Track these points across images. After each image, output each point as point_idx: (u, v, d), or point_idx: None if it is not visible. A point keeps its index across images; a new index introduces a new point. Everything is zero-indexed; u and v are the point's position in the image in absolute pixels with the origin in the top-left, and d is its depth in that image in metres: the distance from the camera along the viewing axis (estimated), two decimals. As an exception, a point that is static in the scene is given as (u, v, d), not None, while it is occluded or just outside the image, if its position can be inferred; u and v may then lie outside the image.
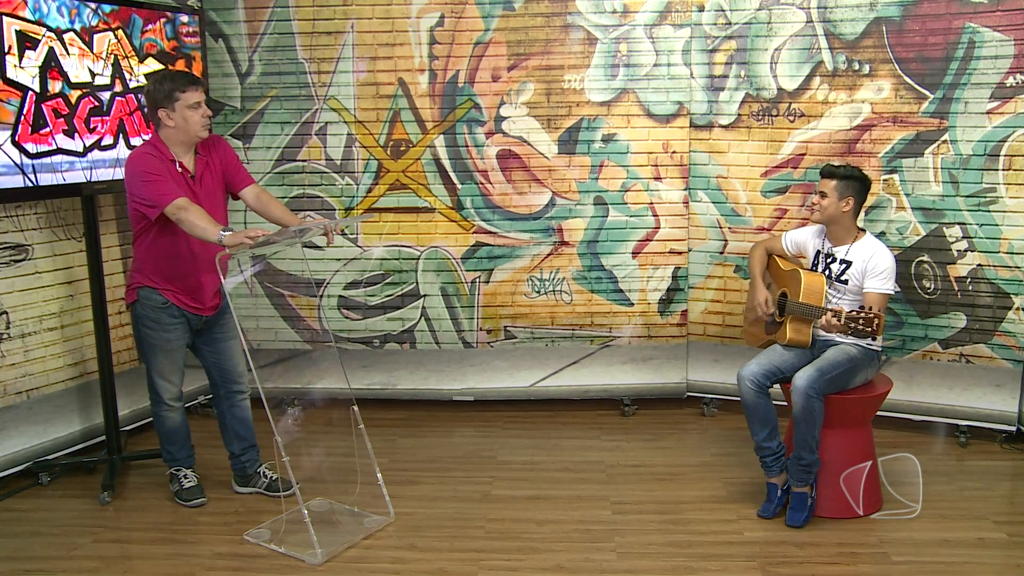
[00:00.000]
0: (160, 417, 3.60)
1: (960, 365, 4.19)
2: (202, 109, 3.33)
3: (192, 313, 3.47)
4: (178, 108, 3.28)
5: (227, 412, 3.69)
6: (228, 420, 3.70)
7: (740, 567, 3.11)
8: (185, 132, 3.32)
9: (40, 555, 3.27)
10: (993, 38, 3.92)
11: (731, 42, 4.34)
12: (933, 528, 3.36)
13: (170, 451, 3.66)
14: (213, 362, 3.63)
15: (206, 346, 3.61)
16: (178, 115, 3.29)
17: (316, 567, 3.14)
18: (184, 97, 3.27)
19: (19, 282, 3.83)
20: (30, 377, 3.91)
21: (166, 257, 3.37)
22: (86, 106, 3.71)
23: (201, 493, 3.65)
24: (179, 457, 3.67)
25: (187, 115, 3.29)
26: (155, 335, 3.45)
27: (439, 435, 4.45)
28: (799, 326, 3.52)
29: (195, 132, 3.33)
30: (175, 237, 3.34)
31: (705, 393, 4.69)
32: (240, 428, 3.70)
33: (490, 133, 4.51)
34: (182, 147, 3.36)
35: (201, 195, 3.38)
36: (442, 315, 4.68)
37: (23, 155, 3.50)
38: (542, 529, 3.42)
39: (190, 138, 3.34)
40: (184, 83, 3.30)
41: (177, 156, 3.35)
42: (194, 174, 3.40)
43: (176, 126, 3.31)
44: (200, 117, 3.32)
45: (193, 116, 3.30)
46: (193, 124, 3.31)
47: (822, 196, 3.47)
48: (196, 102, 3.30)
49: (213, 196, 3.46)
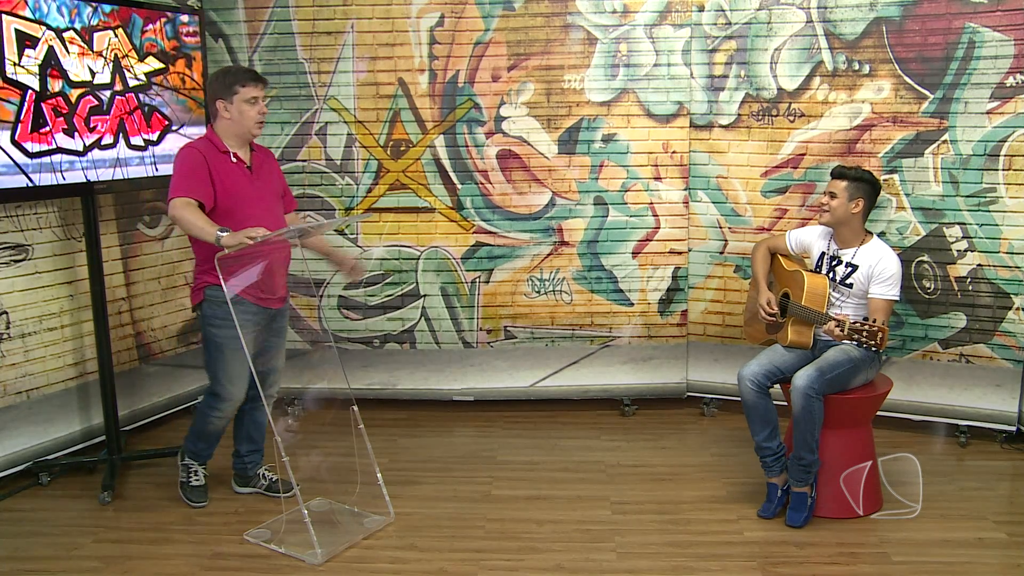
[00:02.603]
0: (207, 418, 3.53)
1: (960, 365, 4.19)
2: (259, 106, 3.35)
3: (262, 306, 3.42)
4: (235, 101, 3.31)
5: (248, 413, 3.66)
6: (246, 421, 3.68)
7: (740, 567, 3.11)
8: (240, 125, 3.34)
9: (40, 555, 3.27)
10: (993, 38, 3.92)
11: (731, 42, 4.34)
12: (933, 528, 3.36)
13: (198, 446, 3.62)
14: (259, 364, 3.53)
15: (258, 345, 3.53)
16: (235, 108, 3.31)
17: (316, 567, 3.14)
18: (243, 91, 3.30)
19: (19, 282, 3.83)
20: (30, 377, 3.91)
21: None
22: (86, 105, 3.71)
23: (205, 496, 3.63)
24: (202, 455, 3.65)
25: (243, 109, 3.32)
26: (221, 332, 3.37)
27: (439, 435, 4.45)
28: (801, 328, 3.51)
29: (248, 127, 3.35)
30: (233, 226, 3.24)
31: (705, 393, 4.69)
32: (254, 431, 3.70)
33: (490, 133, 4.51)
34: (236, 140, 3.38)
35: (260, 187, 3.41)
36: (442, 315, 4.68)
37: (23, 154, 3.49)
38: (542, 529, 3.42)
39: (243, 132, 3.36)
40: (245, 77, 3.33)
41: (233, 148, 3.37)
42: (251, 166, 3.41)
43: (232, 118, 3.33)
44: (256, 113, 3.34)
45: (249, 111, 3.32)
46: (248, 118, 3.34)
47: (831, 196, 3.46)
48: (254, 97, 3.33)
49: (269, 192, 3.48)
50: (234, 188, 3.33)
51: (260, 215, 3.35)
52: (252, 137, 3.42)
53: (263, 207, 3.40)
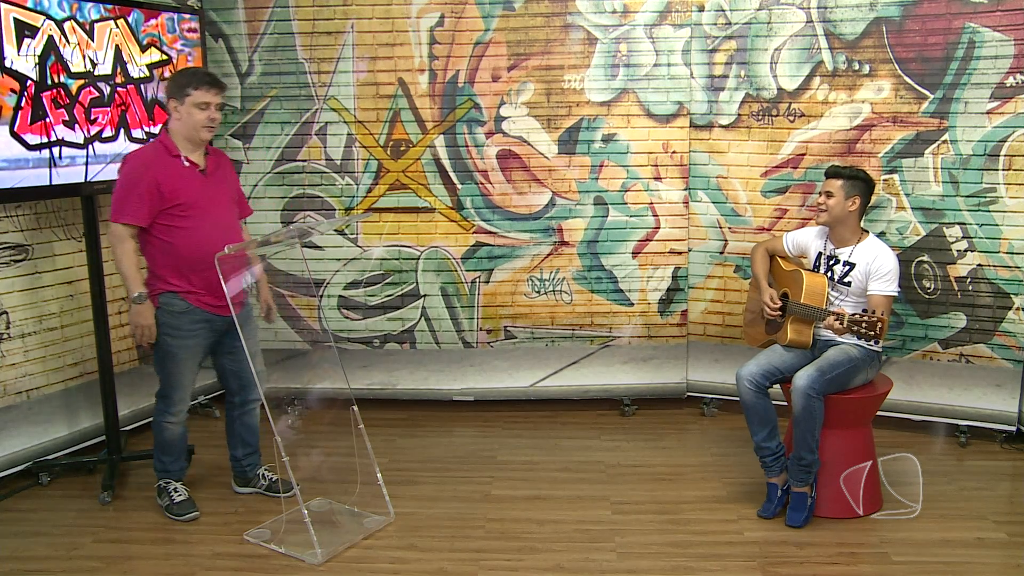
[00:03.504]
0: (161, 426, 3.51)
1: (960, 365, 4.19)
2: (209, 111, 3.29)
3: (215, 314, 3.38)
4: (186, 103, 3.26)
5: (238, 419, 3.66)
6: (237, 427, 3.67)
7: (740, 567, 3.11)
8: (187, 128, 3.30)
9: (40, 555, 3.27)
10: (993, 38, 3.92)
11: (731, 42, 4.34)
12: (933, 528, 3.36)
13: (164, 461, 3.57)
14: (231, 370, 3.56)
15: (226, 353, 3.53)
16: (184, 110, 3.27)
17: (316, 567, 3.14)
18: (195, 94, 3.26)
19: (19, 282, 3.83)
20: (30, 377, 3.91)
21: (181, 253, 3.29)
22: (87, 96, 3.67)
23: (193, 507, 3.54)
24: (171, 469, 3.57)
25: (192, 112, 3.27)
26: (174, 343, 3.37)
27: (439, 435, 4.45)
28: (800, 327, 3.51)
29: (196, 131, 3.30)
30: (187, 231, 3.28)
31: (705, 393, 4.69)
32: (247, 435, 3.69)
33: (490, 133, 4.51)
34: (187, 143, 3.34)
35: (212, 191, 3.38)
36: (442, 315, 4.68)
37: (22, 146, 3.45)
38: (542, 529, 3.42)
39: (191, 136, 3.32)
40: (199, 81, 3.28)
41: (184, 152, 3.33)
42: (204, 169, 3.38)
43: (181, 120, 3.29)
44: (205, 118, 3.29)
45: (198, 115, 3.27)
46: (196, 122, 3.28)
47: (828, 196, 3.46)
48: (205, 102, 3.27)
49: (223, 196, 3.44)
50: (186, 193, 3.28)
51: (213, 219, 3.34)
52: (202, 142, 3.35)
53: (216, 211, 3.37)
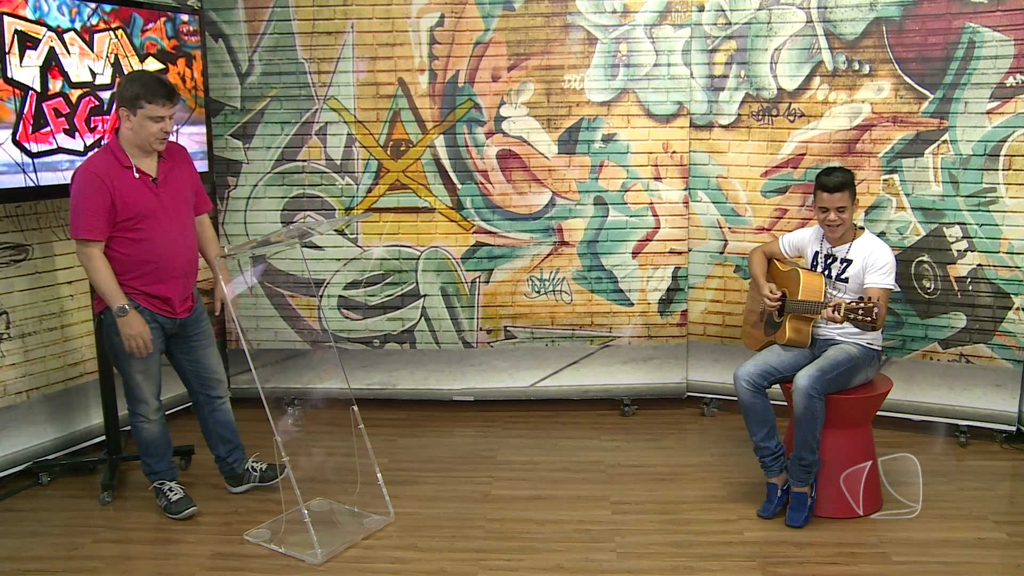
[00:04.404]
0: (137, 428, 3.50)
1: (960, 365, 4.19)
2: (163, 124, 3.20)
3: (165, 316, 3.38)
4: (138, 115, 3.18)
5: (209, 417, 3.64)
6: (211, 425, 3.65)
7: (740, 567, 3.11)
8: (139, 138, 3.23)
9: (40, 555, 3.27)
10: (993, 38, 3.92)
11: (731, 42, 4.34)
12: (933, 528, 3.36)
13: (149, 463, 3.56)
14: (190, 369, 3.56)
15: (183, 353, 3.53)
16: (136, 121, 3.19)
17: (316, 567, 3.14)
18: (148, 108, 3.16)
19: (19, 282, 3.83)
20: (30, 377, 3.91)
21: (130, 263, 3.26)
22: (87, 105, 3.71)
23: (190, 503, 3.53)
24: (159, 470, 3.56)
25: (144, 124, 3.19)
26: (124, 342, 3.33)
27: (439, 435, 4.45)
28: (798, 325, 3.52)
29: (148, 142, 3.23)
30: (137, 244, 3.26)
31: (705, 393, 4.69)
32: (224, 431, 3.66)
33: (490, 133, 4.51)
34: (140, 152, 3.27)
35: (165, 199, 3.32)
36: (442, 315, 4.68)
37: (24, 154, 3.50)
38: (542, 529, 3.42)
39: (143, 146, 3.25)
40: (152, 94, 3.16)
41: (135, 161, 3.26)
42: (156, 178, 3.31)
43: (132, 129, 3.22)
44: (157, 130, 3.20)
45: (151, 127, 3.19)
46: (148, 134, 3.21)
47: (840, 211, 3.41)
48: (159, 116, 3.19)
49: (179, 202, 3.38)
50: (137, 205, 3.24)
51: (165, 230, 3.31)
52: (154, 151, 3.29)
53: (169, 222, 3.33)
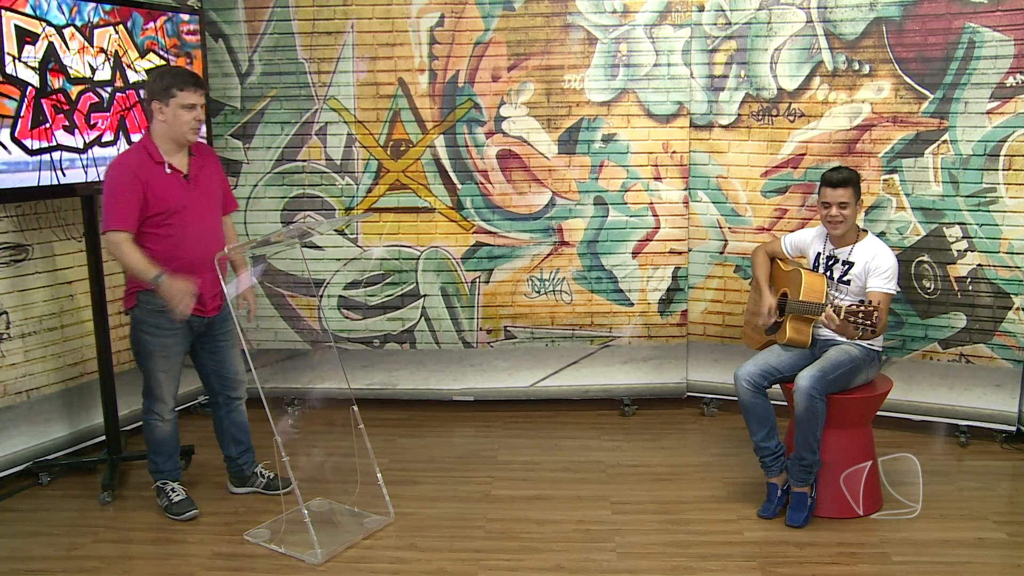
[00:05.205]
0: (150, 425, 3.51)
1: (960, 365, 4.19)
2: (195, 112, 3.27)
3: (195, 315, 3.38)
4: (171, 104, 3.23)
5: (225, 418, 3.66)
6: (226, 425, 3.67)
7: (740, 567, 3.11)
8: (173, 130, 3.27)
9: (40, 555, 3.27)
10: (993, 38, 3.92)
11: (731, 42, 4.34)
12: (933, 528, 3.36)
13: (156, 462, 3.56)
14: (213, 369, 3.58)
15: (207, 353, 3.55)
16: (170, 111, 3.24)
17: (316, 567, 3.14)
18: (180, 96, 3.23)
19: (19, 282, 3.83)
20: (30, 377, 3.91)
21: (161, 259, 3.26)
22: (86, 102, 3.69)
23: (192, 505, 3.53)
24: (165, 469, 3.57)
25: (178, 114, 3.24)
26: (154, 340, 3.38)
27: (439, 435, 4.45)
28: (799, 325, 3.51)
29: (182, 133, 3.27)
30: (170, 239, 3.28)
31: (705, 393, 4.69)
32: (238, 433, 3.68)
33: (490, 133, 4.51)
34: (172, 146, 3.31)
35: (196, 196, 3.35)
36: (442, 315, 4.68)
37: (23, 151, 3.47)
38: (542, 529, 3.42)
39: (178, 137, 3.29)
40: (183, 81, 3.25)
41: (167, 156, 3.29)
42: (188, 174, 3.35)
43: (166, 121, 3.26)
44: (191, 119, 3.26)
45: (184, 116, 3.24)
46: (182, 124, 3.25)
47: (842, 207, 3.42)
48: (191, 103, 3.25)
49: (208, 198, 3.42)
50: (169, 201, 3.27)
51: (196, 226, 3.33)
52: (188, 143, 3.33)
53: (199, 217, 3.35)
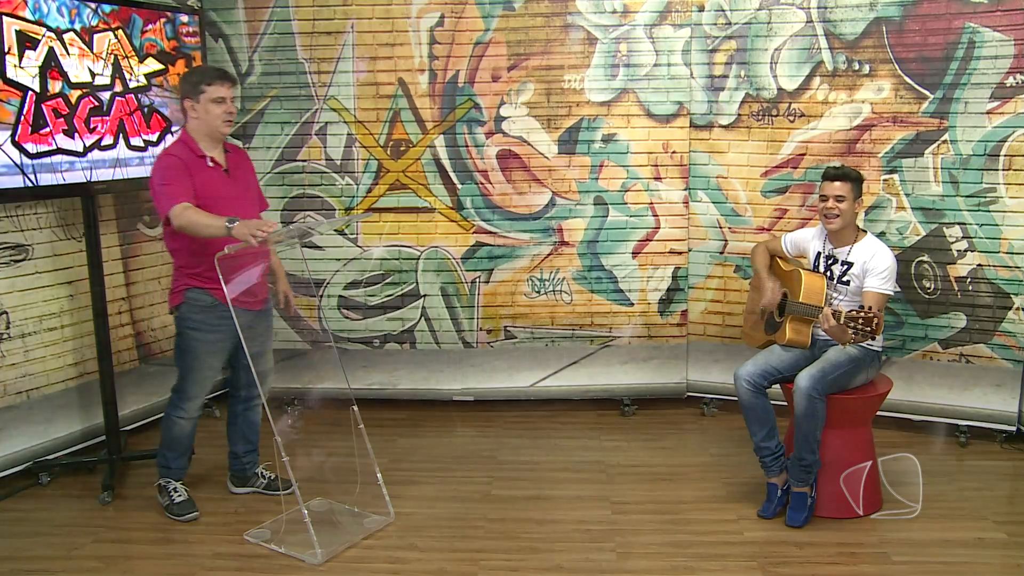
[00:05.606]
0: (172, 421, 3.52)
1: (960, 365, 4.19)
2: (226, 105, 3.34)
3: (242, 308, 3.36)
4: (202, 100, 3.31)
5: (241, 415, 3.68)
6: (240, 422, 3.68)
7: (740, 567, 3.11)
8: (207, 124, 3.34)
9: (40, 555, 3.27)
10: (993, 38, 3.92)
11: (731, 42, 4.34)
12: (933, 528, 3.36)
13: (167, 457, 3.57)
14: (244, 364, 3.51)
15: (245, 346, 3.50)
16: (201, 107, 3.31)
17: (316, 567, 3.14)
18: (210, 90, 3.30)
19: (19, 282, 3.83)
20: (30, 377, 3.91)
21: (207, 252, 3.25)
22: (86, 106, 3.71)
23: (193, 507, 3.53)
24: (174, 467, 3.57)
25: (210, 108, 3.31)
26: (201, 337, 3.39)
27: (439, 435, 4.45)
28: (799, 326, 3.51)
29: (216, 126, 3.34)
30: None
31: (705, 393, 4.69)
32: (249, 432, 3.70)
33: (490, 133, 4.51)
34: (209, 142, 3.38)
35: (236, 190, 3.41)
36: (442, 315, 4.68)
37: (23, 155, 3.49)
38: (542, 529, 3.42)
39: (212, 131, 3.35)
40: (212, 76, 3.34)
41: (207, 151, 3.36)
42: (227, 168, 3.42)
43: (199, 117, 3.33)
44: (222, 112, 3.33)
45: (215, 109, 3.31)
46: (215, 117, 3.32)
47: (839, 200, 3.42)
48: (221, 97, 3.32)
49: (247, 193, 3.48)
50: (212, 193, 3.32)
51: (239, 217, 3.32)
52: (222, 136, 3.41)
53: (239, 211, 3.35)
